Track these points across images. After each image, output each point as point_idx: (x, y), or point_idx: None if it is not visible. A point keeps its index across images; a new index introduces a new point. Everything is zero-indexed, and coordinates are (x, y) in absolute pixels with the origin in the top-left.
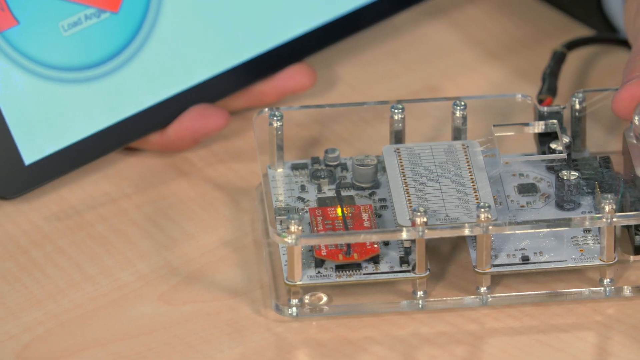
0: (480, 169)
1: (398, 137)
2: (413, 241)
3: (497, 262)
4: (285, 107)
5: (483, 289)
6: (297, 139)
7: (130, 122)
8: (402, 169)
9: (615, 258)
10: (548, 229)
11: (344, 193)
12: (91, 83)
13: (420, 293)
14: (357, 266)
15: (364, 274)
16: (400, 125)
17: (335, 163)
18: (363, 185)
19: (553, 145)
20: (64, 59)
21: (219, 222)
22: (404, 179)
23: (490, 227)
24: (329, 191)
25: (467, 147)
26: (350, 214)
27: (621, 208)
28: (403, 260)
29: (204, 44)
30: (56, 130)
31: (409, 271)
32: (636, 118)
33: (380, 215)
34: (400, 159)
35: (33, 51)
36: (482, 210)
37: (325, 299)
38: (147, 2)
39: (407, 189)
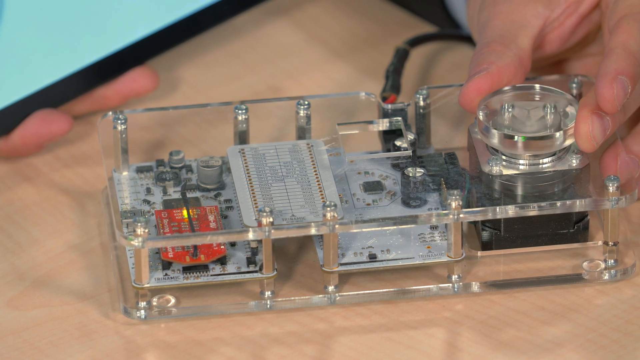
0: (326, 167)
1: (242, 137)
2: (260, 241)
3: (344, 260)
4: (129, 110)
5: (331, 288)
6: (142, 141)
7: None
8: (247, 170)
9: (462, 254)
10: (395, 227)
11: (189, 195)
12: None
13: (268, 293)
14: (204, 267)
15: (212, 275)
16: (244, 125)
17: (180, 165)
18: (208, 186)
19: (398, 143)
20: None
21: (65, 226)
22: (249, 180)
23: (336, 226)
24: (174, 193)
25: (312, 146)
26: (196, 216)
27: (467, 204)
28: (250, 261)
29: (45, 49)
30: None
31: (256, 271)
32: (481, 113)
33: (226, 216)
34: (245, 160)
35: None
36: (328, 209)
37: (173, 301)
38: None
39: (252, 190)
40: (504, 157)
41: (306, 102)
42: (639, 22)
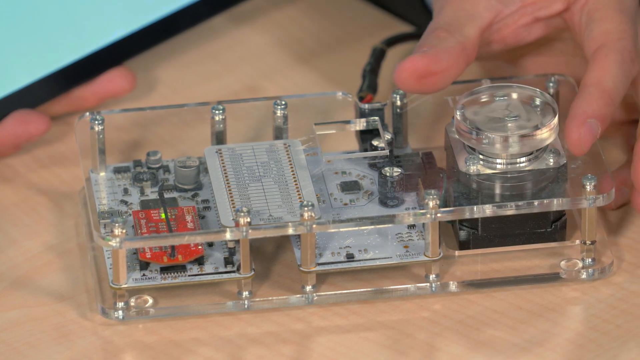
0: (303, 167)
1: (219, 138)
2: (237, 241)
3: (322, 260)
4: (106, 111)
5: (309, 288)
6: (119, 142)
7: None
8: (225, 170)
9: (440, 254)
10: (372, 226)
11: (166, 195)
12: None
13: (245, 293)
14: (181, 268)
15: (189, 276)
16: (221, 126)
17: (157, 165)
18: (186, 187)
19: (375, 142)
20: None
21: (42, 227)
22: (227, 180)
23: (314, 226)
24: (151, 194)
25: (289, 146)
26: (173, 216)
27: (445, 203)
28: (227, 261)
29: (22, 49)
30: None
31: (233, 271)
32: (458, 113)
33: (203, 216)
34: (222, 160)
35: None
36: (306, 209)
37: (151, 301)
38: None
39: (229, 190)
40: (481, 157)
41: (283, 102)
42: (617, 52)
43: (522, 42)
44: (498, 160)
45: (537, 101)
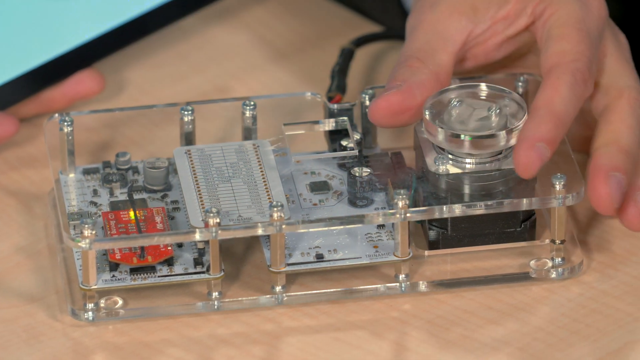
0: (272, 168)
1: (189, 138)
2: (207, 242)
3: (291, 260)
4: (75, 112)
5: (278, 288)
6: (88, 143)
7: None
8: (194, 171)
9: (409, 254)
10: (342, 226)
11: (136, 196)
12: None
13: (215, 294)
14: (151, 269)
15: (159, 277)
16: (190, 127)
17: (126, 166)
18: (155, 187)
19: (344, 143)
20: None
21: (12, 228)
22: (196, 181)
23: (283, 226)
24: (121, 195)
25: (258, 146)
26: (143, 217)
27: (414, 203)
28: (197, 262)
29: None
30: None
31: (203, 272)
32: (427, 113)
33: (173, 217)
34: (192, 161)
35: None
36: (275, 209)
37: (120, 302)
38: None
39: (199, 191)
40: (450, 156)
41: (252, 103)
42: (569, 74)
43: (492, 59)
44: (467, 160)
45: (506, 100)
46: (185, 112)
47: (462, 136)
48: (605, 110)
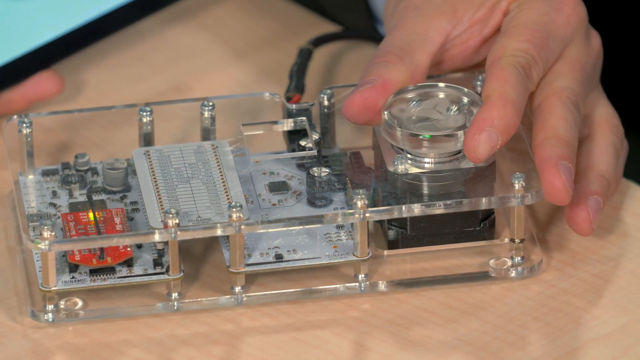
0: (231, 168)
1: (147, 139)
2: (166, 243)
3: (250, 261)
4: (34, 114)
5: (238, 289)
6: (47, 145)
7: None
8: (153, 172)
9: (369, 253)
10: (301, 227)
11: (95, 197)
12: None
13: (175, 294)
14: (111, 270)
15: (118, 278)
16: (149, 127)
17: (85, 168)
18: (114, 188)
19: (303, 143)
20: None
21: None
22: (155, 182)
23: (242, 227)
24: (80, 196)
25: (217, 147)
26: (102, 218)
27: (373, 203)
28: (157, 263)
29: None
30: None
31: (163, 273)
32: (385, 113)
33: (132, 218)
34: (151, 162)
35: None
36: (234, 209)
37: (80, 303)
38: None
39: (158, 191)
40: (409, 156)
41: (210, 103)
42: (512, 66)
43: (469, 62)
44: (426, 160)
45: (465, 100)
46: (144, 113)
47: (421, 136)
48: (538, 108)
